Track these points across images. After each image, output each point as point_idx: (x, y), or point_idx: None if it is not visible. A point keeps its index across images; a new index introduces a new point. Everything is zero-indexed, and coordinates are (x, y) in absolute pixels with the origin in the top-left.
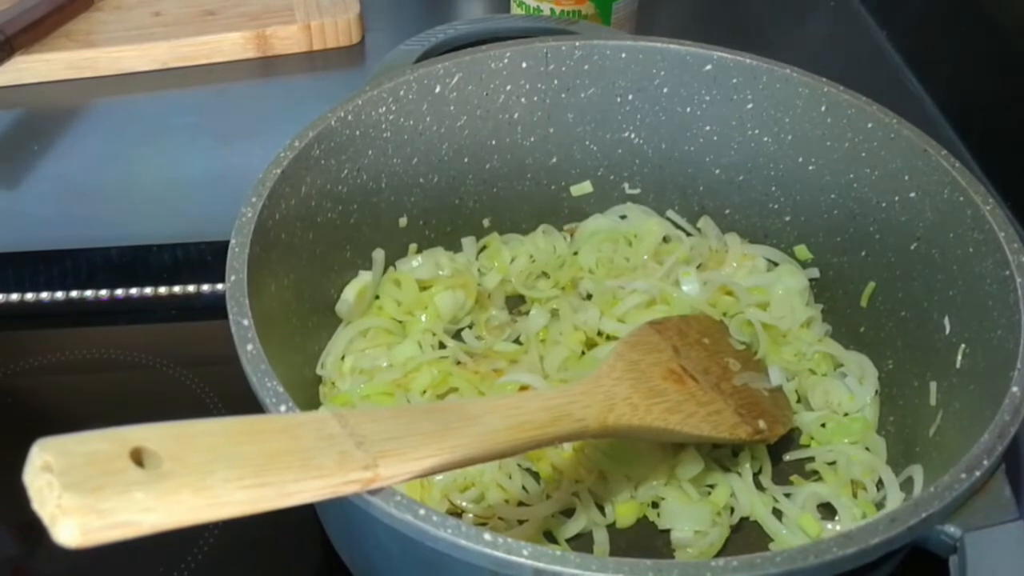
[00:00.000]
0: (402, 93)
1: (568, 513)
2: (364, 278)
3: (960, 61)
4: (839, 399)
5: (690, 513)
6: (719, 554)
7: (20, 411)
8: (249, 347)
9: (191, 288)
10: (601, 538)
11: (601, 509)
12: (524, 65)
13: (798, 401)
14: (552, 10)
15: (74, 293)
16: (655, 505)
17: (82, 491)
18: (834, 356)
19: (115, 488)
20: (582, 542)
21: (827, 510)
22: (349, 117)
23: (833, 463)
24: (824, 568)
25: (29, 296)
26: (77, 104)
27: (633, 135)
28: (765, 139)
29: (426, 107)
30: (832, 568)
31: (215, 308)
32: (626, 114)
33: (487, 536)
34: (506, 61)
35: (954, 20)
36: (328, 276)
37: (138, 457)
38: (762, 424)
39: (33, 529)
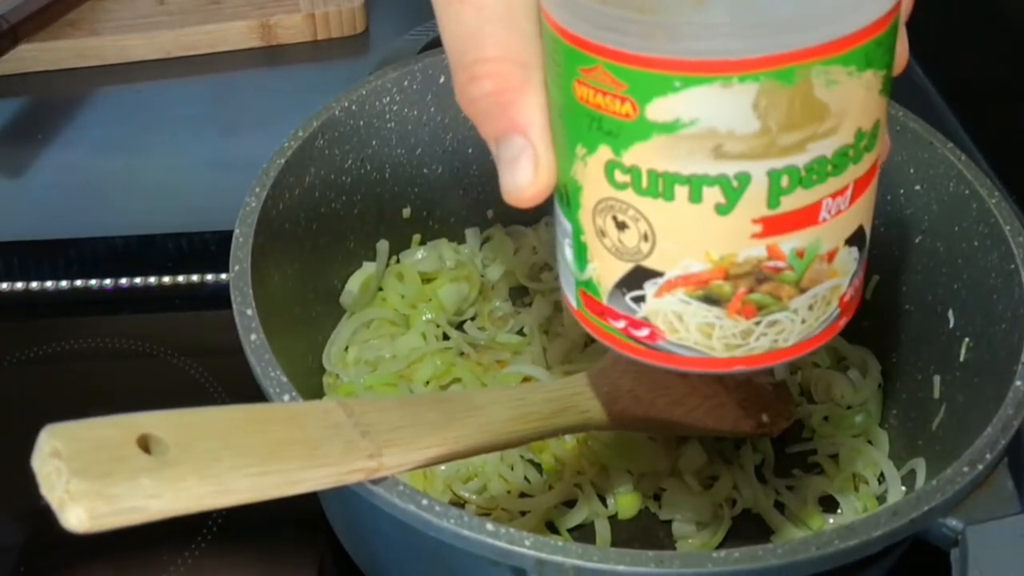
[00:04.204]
0: (406, 83)
1: (570, 504)
2: (368, 269)
3: (967, 53)
4: (842, 392)
5: (692, 504)
6: (721, 546)
7: (26, 399)
8: (253, 337)
9: (195, 278)
10: (603, 529)
11: (603, 500)
12: None
13: (801, 394)
14: None
15: (78, 282)
16: (657, 496)
17: (90, 477)
18: (837, 349)
19: (123, 474)
20: (584, 533)
21: (829, 503)
22: (353, 107)
23: (835, 456)
24: (826, 560)
25: (34, 285)
26: (82, 93)
27: None
28: None
29: (430, 97)
30: (834, 560)
31: (219, 298)
32: None
33: (489, 526)
34: None
35: (961, 12)
36: (332, 267)
37: (145, 444)
38: (765, 418)
39: (42, 515)
